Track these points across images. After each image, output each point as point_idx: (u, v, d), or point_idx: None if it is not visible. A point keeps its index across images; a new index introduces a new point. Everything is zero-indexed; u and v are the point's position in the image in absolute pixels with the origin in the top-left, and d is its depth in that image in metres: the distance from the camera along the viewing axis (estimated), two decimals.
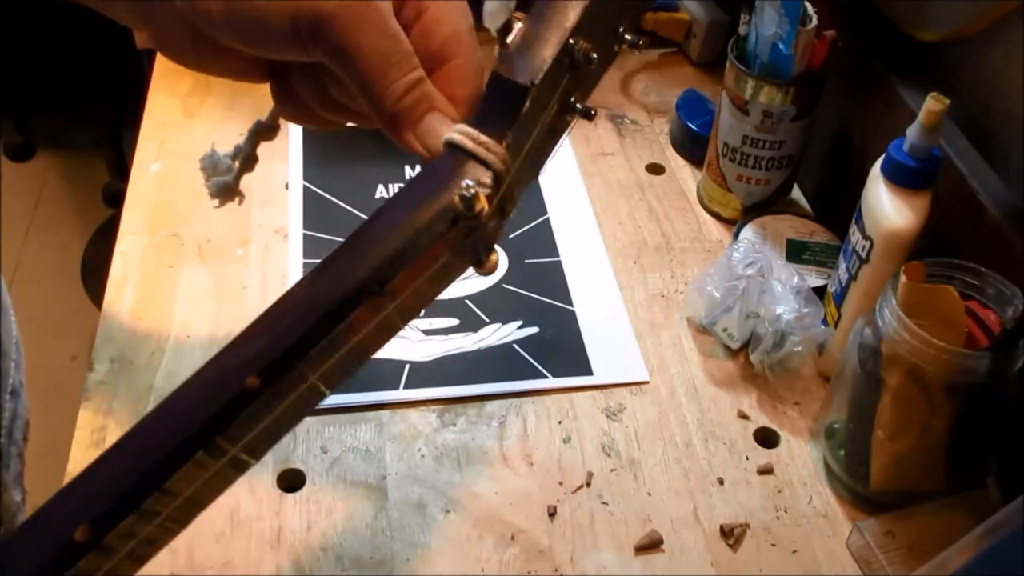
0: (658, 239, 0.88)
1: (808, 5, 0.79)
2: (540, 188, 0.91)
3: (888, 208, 0.66)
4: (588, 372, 0.75)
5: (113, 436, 0.67)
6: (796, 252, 0.83)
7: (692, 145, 0.95)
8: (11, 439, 0.66)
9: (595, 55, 0.39)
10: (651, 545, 0.64)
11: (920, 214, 0.66)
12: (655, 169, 0.96)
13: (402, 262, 0.38)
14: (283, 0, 0.40)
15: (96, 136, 2.11)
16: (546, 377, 0.74)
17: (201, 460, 0.37)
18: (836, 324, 0.73)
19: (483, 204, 0.37)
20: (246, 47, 0.43)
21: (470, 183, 0.37)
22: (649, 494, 0.67)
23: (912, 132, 0.65)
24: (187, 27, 0.43)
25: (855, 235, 0.69)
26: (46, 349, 1.76)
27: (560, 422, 0.71)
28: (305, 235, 0.84)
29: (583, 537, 0.64)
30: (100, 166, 2.14)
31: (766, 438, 0.72)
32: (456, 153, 0.39)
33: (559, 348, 0.77)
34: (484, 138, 0.38)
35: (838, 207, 0.83)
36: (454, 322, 0.78)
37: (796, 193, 0.92)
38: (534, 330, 0.78)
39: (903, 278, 0.61)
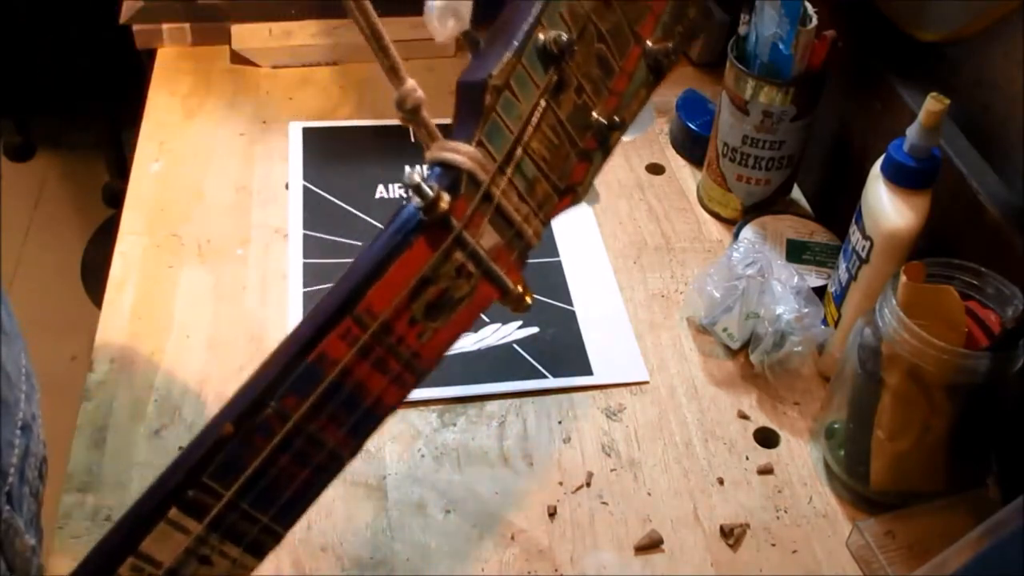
0: (658, 239, 0.88)
1: (808, 5, 0.79)
2: None
3: (888, 208, 0.66)
4: (588, 372, 0.75)
5: (113, 436, 0.68)
6: (796, 252, 0.83)
7: (692, 145, 0.95)
8: (22, 478, 0.64)
9: (569, 41, 0.37)
10: (651, 545, 0.64)
11: (920, 214, 0.66)
12: (655, 169, 0.96)
13: (370, 279, 0.35)
14: None
15: (96, 136, 2.11)
16: (546, 377, 0.74)
17: (177, 519, 0.35)
18: (836, 324, 0.73)
19: (440, 200, 0.34)
20: None
21: (414, 172, 0.34)
22: (649, 494, 0.67)
23: (912, 132, 0.65)
24: None
25: (855, 235, 0.69)
26: (46, 349, 1.76)
27: (560, 422, 0.71)
28: (305, 235, 0.84)
29: (583, 537, 0.64)
30: (100, 166, 2.14)
31: (766, 438, 0.72)
32: (432, 167, 0.37)
33: (559, 348, 0.77)
34: (449, 142, 0.36)
35: (838, 207, 0.83)
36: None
37: (796, 193, 0.92)
38: (534, 330, 0.78)
39: (903, 278, 0.61)
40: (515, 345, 0.77)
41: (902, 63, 0.79)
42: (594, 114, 0.40)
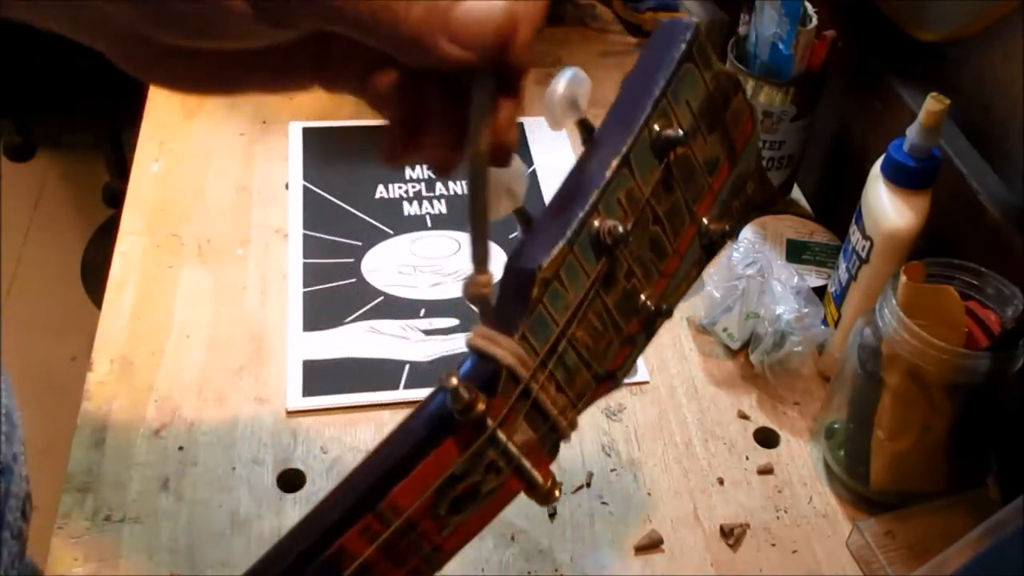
0: None
1: (808, 5, 0.79)
2: (541, 188, 0.91)
3: (888, 208, 0.66)
4: None
5: (113, 436, 0.68)
6: (796, 252, 0.83)
7: None
8: (2, 523, 0.61)
9: (625, 234, 0.35)
10: (651, 545, 0.64)
11: (920, 214, 0.66)
12: None
13: (396, 475, 0.34)
14: None
15: (96, 136, 2.11)
16: None
17: None
18: (836, 324, 0.73)
19: (477, 402, 0.33)
20: (193, 39, 0.35)
21: (453, 376, 0.33)
22: (649, 494, 0.67)
23: (912, 132, 0.65)
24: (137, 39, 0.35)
25: (855, 235, 0.69)
26: (46, 349, 1.76)
27: None
28: (305, 235, 0.84)
29: (583, 537, 0.64)
30: (100, 166, 2.14)
31: (766, 438, 0.72)
32: (470, 353, 0.35)
33: None
34: (491, 332, 0.34)
35: (838, 207, 0.83)
36: (454, 322, 0.78)
37: (796, 193, 0.92)
38: None
39: (903, 278, 0.61)
40: None
41: (902, 63, 0.79)
42: (642, 297, 0.38)
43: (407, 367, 0.74)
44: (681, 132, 0.36)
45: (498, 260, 0.35)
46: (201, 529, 0.63)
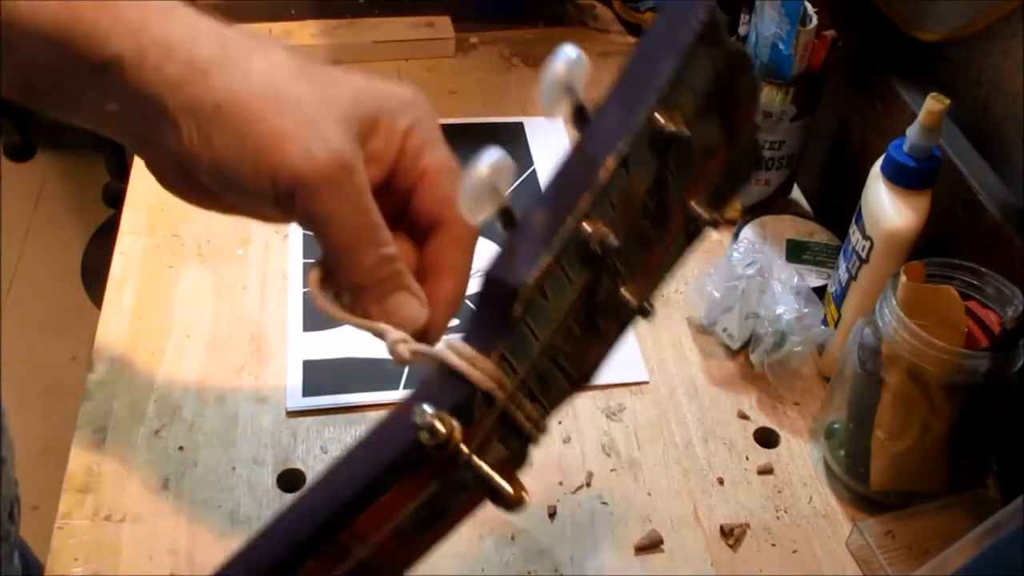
0: None
1: (808, 5, 0.79)
2: (541, 188, 0.91)
3: (888, 208, 0.66)
4: None
5: (113, 436, 0.68)
6: (796, 252, 0.83)
7: None
8: None
9: (616, 242, 0.32)
10: (651, 545, 0.64)
11: (920, 214, 0.66)
12: None
13: (360, 505, 0.31)
14: (266, 159, 0.40)
15: (96, 136, 2.10)
16: None
17: None
18: (836, 324, 0.73)
19: (448, 431, 0.30)
20: (229, 199, 0.46)
21: (427, 409, 0.30)
22: (649, 494, 0.67)
23: (912, 132, 0.65)
24: (179, 167, 0.44)
25: (855, 235, 0.69)
26: (46, 349, 1.76)
27: (560, 422, 0.71)
28: (305, 235, 0.84)
29: (583, 537, 0.64)
30: (100, 166, 2.14)
31: (766, 438, 0.72)
32: (442, 370, 0.32)
33: None
34: (468, 350, 0.32)
35: (838, 207, 0.83)
36: (454, 322, 0.78)
37: (796, 193, 0.92)
38: None
39: (903, 278, 0.61)
40: None
41: (902, 63, 0.79)
42: (624, 293, 0.35)
43: (407, 367, 0.74)
44: (686, 132, 0.33)
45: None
46: (201, 529, 0.63)
